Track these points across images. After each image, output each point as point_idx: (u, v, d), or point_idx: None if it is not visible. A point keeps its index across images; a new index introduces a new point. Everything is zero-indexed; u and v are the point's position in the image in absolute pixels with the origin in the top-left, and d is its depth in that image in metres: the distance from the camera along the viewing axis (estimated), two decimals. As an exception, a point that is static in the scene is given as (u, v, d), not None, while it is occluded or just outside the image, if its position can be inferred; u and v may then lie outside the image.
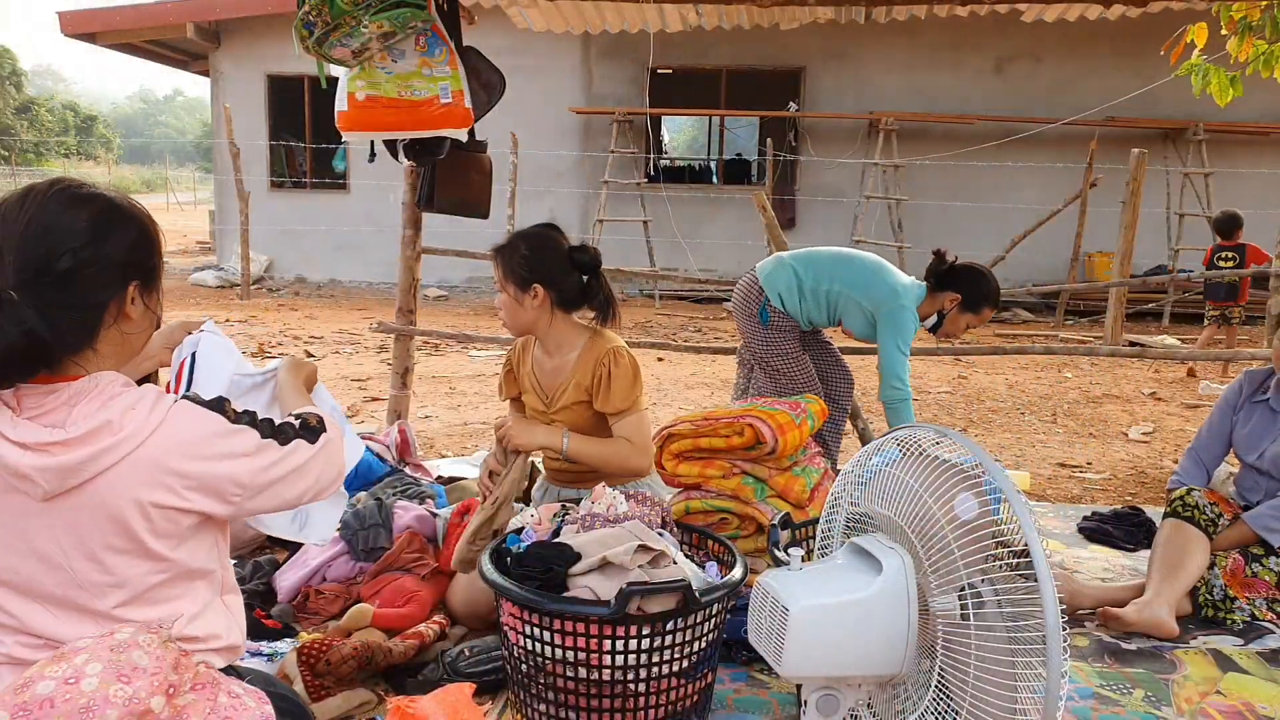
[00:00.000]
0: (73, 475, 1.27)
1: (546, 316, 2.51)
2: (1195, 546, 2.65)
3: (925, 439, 1.77)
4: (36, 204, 1.26)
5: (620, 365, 2.47)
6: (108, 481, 1.29)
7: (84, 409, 1.28)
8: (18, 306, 1.21)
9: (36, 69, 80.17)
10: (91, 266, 1.28)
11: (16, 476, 1.26)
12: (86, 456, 1.27)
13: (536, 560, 1.88)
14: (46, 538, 1.31)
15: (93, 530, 1.31)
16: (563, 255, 2.49)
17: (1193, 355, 4.93)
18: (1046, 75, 11.30)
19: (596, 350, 2.51)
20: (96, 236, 1.29)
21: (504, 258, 2.46)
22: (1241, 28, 3.90)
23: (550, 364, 2.59)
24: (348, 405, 5.54)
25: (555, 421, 2.58)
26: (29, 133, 37.20)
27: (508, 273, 2.45)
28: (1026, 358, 7.79)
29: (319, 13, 2.85)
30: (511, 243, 2.48)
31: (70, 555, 1.31)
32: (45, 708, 1.28)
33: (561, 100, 11.74)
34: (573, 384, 2.53)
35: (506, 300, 2.49)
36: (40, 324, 1.22)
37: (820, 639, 1.61)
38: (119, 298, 1.33)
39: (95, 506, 1.30)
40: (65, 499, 1.29)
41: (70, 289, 1.26)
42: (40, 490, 1.27)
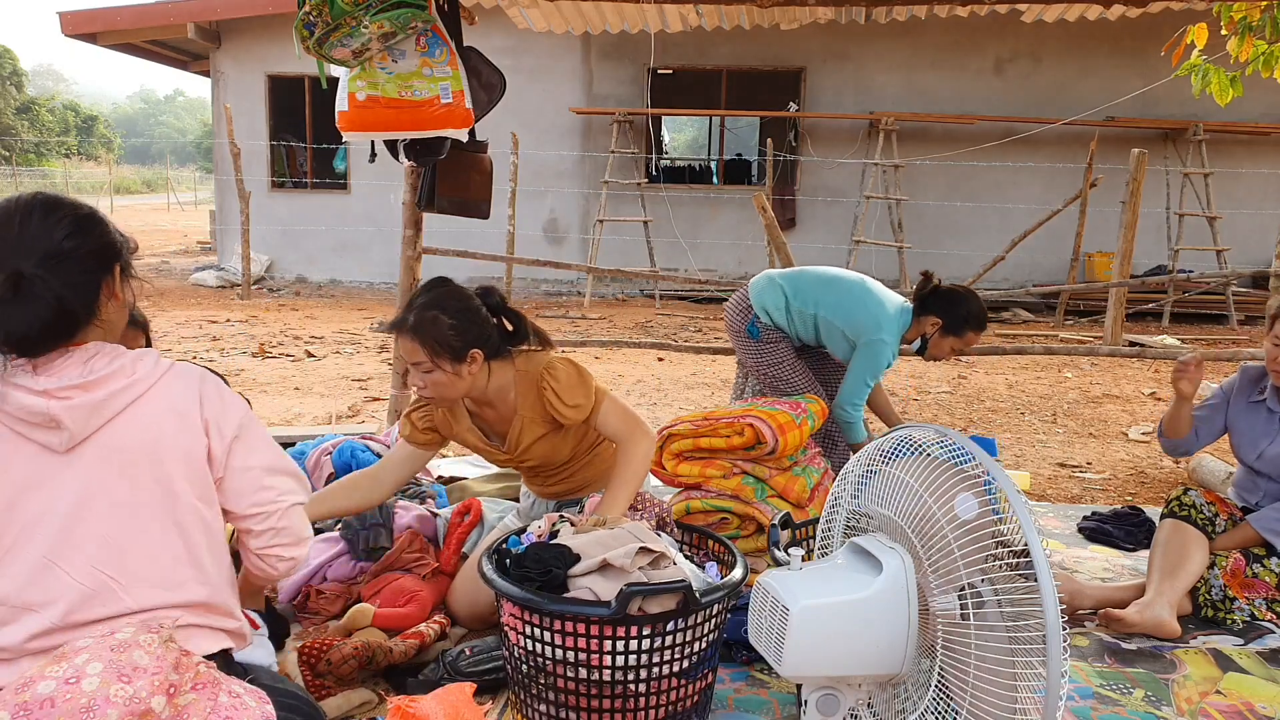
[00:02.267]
0: (97, 414, 1.41)
1: (483, 376, 2.31)
2: (1195, 546, 2.65)
3: (925, 439, 1.77)
4: (24, 208, 1.43)
5: (558, 376, 2.31)
6: (125, 422, 1.43)
7: (96, 363, 1.44)
8: (46, 280, 1.39)
9: (37, 69, 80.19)
10: (85, 248, 1.45)
11: (46, 421, 1.39)
12: (107, 395, 1.42)
13: (536, 562, 1.88)
14: (67, 493, 1.41)
15: (111, 476, 1.42)
16: (478, 307, 2.30)
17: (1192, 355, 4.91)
18: (1046, 75, 11.30)
19: (530, 379, 2.34)
20: (81, 227, 1.46)
21: (426, 335, 2.19)
22: (1241, 28, 3.91)
23: (493, 414, 2.41)
24: (348, 405, 5.54)
25: (525, 462, 2.46)
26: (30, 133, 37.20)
27: (437, 350, 2.19)
28: (1026, 358, 7.79)
29: (319, 13, 2.86)
30: (426, 317, 2.20)
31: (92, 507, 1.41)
32: (46, 707, 1.28)
33: (562, 100, 11.74)
34: (526, 423, 2.37)
35: (440, 378, 2.22)
36: (65, 294, 1.40)
37: (820, 639, 1.61)
38: (109, 278, 1.49)
39: (113, 450, 1.42)
40: (85, 447, 1.41)
41: (75, 267, 1.43)
42: (67, 435, 1.40)
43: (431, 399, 2.30)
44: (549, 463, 2.48)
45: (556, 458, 2.47)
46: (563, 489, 2.56)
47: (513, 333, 2.38)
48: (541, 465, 2.49)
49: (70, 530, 1.41)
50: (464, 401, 2.42)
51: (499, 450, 2.47)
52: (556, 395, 2.30)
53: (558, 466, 2.51)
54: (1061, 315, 10.12)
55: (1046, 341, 8.74)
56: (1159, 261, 10.96)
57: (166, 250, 16.97)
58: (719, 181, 14.23)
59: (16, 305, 1.37)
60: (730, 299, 3.56)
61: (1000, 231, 10.75)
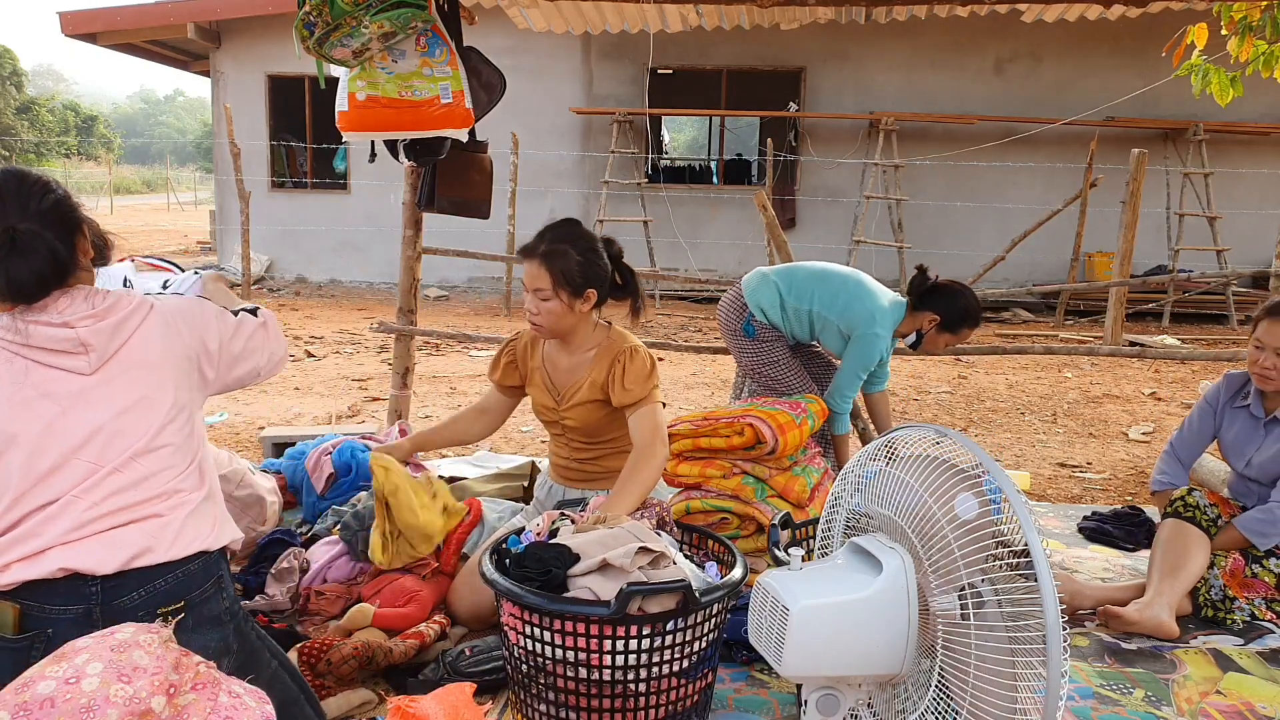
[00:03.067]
0: (116, 335, 1.60)
1: (587, 320, 2.49)
2: (1196, 546, 2.65)
3: (925, 439, 1.77)
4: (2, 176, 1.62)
5: (636, 360, 2.45)
6: (138, 340, 1.62)
7: (95, 299, 1.61)
8: (39, 235, 1.55)
9: (37, 69, 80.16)
10: (60, 209, 1.61)
11: (74, 346, 1.56)
12: (120, 319, 1.61)
13: (536, 561, 1.88)
14: (97, 408, 1.56)
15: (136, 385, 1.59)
16: (601, 253, 2.46)
17: (1193, 355, 4.92)
18: (1046, 75, 11.30)
19: (613, 349, 2.49)
20: (50, 191, 1.62)
21: (555, 264, 2.36)
22: (1242, 28, 3.91)
23: (566, 362, 2.55)
24: (348, 405, 5.54)
25: (565, 419, 2.57)
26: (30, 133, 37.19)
27: (561, 280, 2.36)
28: (1026, 358, 7.79)
29: (319, 13, 2.85)
30: (558, 249, 2.37)
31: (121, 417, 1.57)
32: (46, 707, 1.28)
33: (562, 100, 11.74)
34: (588, 382, 2.50)
35: (555, 307, 2.39)
36: (56, 245, 1.56)
37: (820, 639, 1.61)
38: (80, 234, 1.65)
39: (133, 364, 1.60)
40: (108, 366, 1.58)
41: (57, 223, 1.59)
42: (95, 356, 1.57)
43: (539, 326, 2.44)
44: (584, 429, 2.55)
45: (593, 428, 2.55)
46: (580, 468, 2.62)
47: (622, 286, 2.54)
48: (577, 429, 2.56)
49: (113, 438, 1.56)
50: (545, 344, 2.60)
51: (551, 396, 2.57)
52: (623, 373, 2.43)
53: (587, 439, 2.58)
54: (1061, 315, 10.12)
55: (1047, 341, 8.74)
56: (1159, 261, 10.95)
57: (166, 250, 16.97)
58: (719, 181, 14.23)
59: (16, 257, 1.54)
60: (723, 298, 3.54)
61: (1000, 231, 10.75)
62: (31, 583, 1.48)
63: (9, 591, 1.49)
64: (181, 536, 1.57)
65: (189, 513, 1.60)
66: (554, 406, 2.58)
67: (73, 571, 1.49)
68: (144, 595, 1.52)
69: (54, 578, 1.49)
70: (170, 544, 1.55)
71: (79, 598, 1.49)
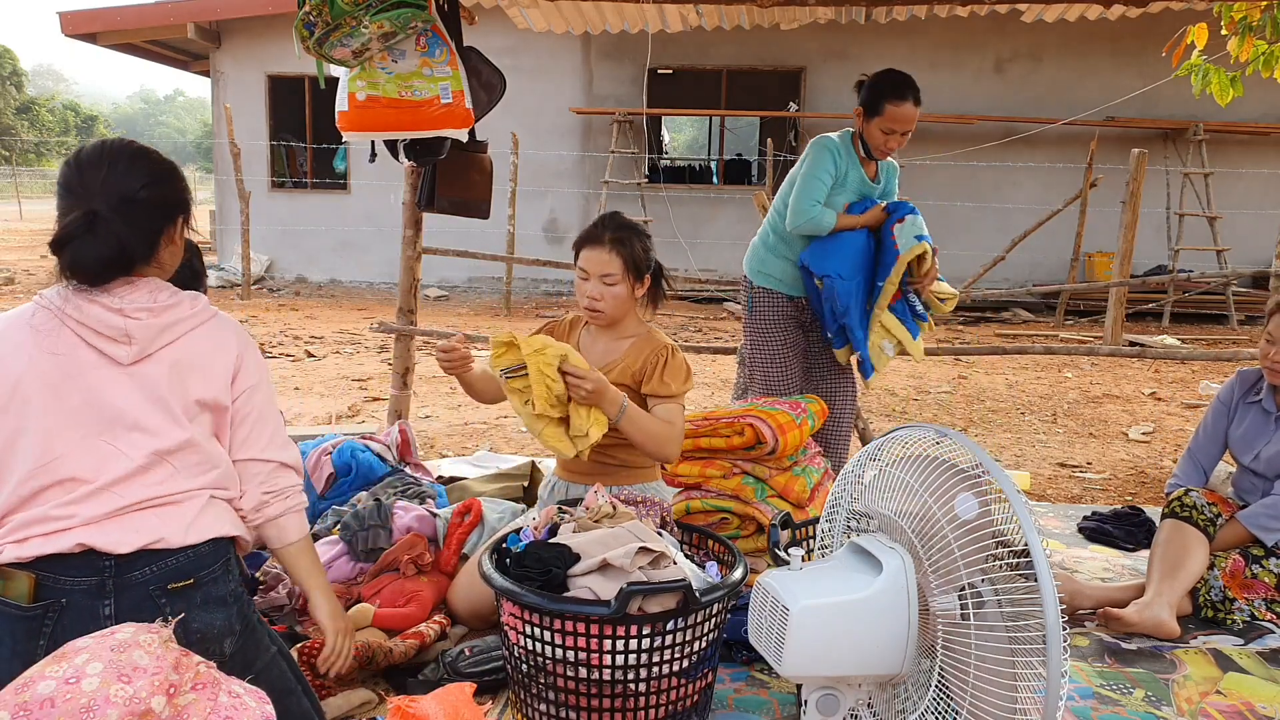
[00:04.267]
0: (161, 336, 1.63)
1: (636, 306, 2.56)
2: (1195, 547, 2.65)
3: (925, 439, 1.77)
4: (113, 152, 1.64)
5: (677, 358, 2.50)
6: (182, 344, 1.64)
7: (160, 295, 1.65)
8: (112, 222, 1.58)
9: (37, 69, 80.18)
10: (155, 198, 1.65)
11: (119, 335, 1.59)
12: (172, 320, 1.64)
13: (536, 561, 1.88)
14: (125, 397, 1.59)
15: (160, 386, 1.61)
16: (650, 244, 2.54)
17: (1193, 355, 4.93)
18: (1046, 75, 11.30)
19: (653, 344, 2.53)
20: (157, 178, 1.66)
21: (626, 248, 2.44)
22: (1242, 28, 3.91)
23: (601, 346, 2.57)
24: (348, 405, 5.54)
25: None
26: (30, 133, 37.19)
27: (631, 263, 2.44)
28: (1027, 358, 7.79)
29: (319, 13, 2.85)
30: (624, 235, 2.46)
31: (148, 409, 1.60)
32: (46, 707, 1.28)
33: (562, 100, 11.74)
34: (620, 367, 2.50)
35: (621, 291, 2.45)
36: (127, 236, 1.60)
37: (820, 639, 1.61)
38: (170, 226, 1.68)
39: (169, 365, 1.63)
40: (145, 363, 1.61)
41: (143, 214, 1.63)
42: (136, 349, 1.60)
43: (600, 312, 2.47)
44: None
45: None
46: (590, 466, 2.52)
47: (657, 275, 2.58)
48: None
49: (134, 429, 1.59)
50: (584, 327, 2.64)
51: None
52: (662, 369, 2.47)
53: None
54: (1061, 315, 10.12)
55: (1047, 341, 8.74)
56: (1159, 261, 10.95)
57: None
58: (719, 181, 14.22)
59: (88, 240, 1.58)
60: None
61: (1000, 231, 10.75)
62: (47, 555, 1.52)
63: (26, 563, 1.52)
64: (196, 525, 1.61)
65: (204, 505, 1.63)
66: None
67: (89, 548, 1.53)
68: (155, 571, 1.56)
69: (71, 552, 1.53)
70: (185, 532, 1.59)
71: (93, 570, 1.52)
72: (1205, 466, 2.94)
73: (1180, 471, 2.96)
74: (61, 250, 1.60)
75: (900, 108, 3.09)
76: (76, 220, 1.59)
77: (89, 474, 1.57)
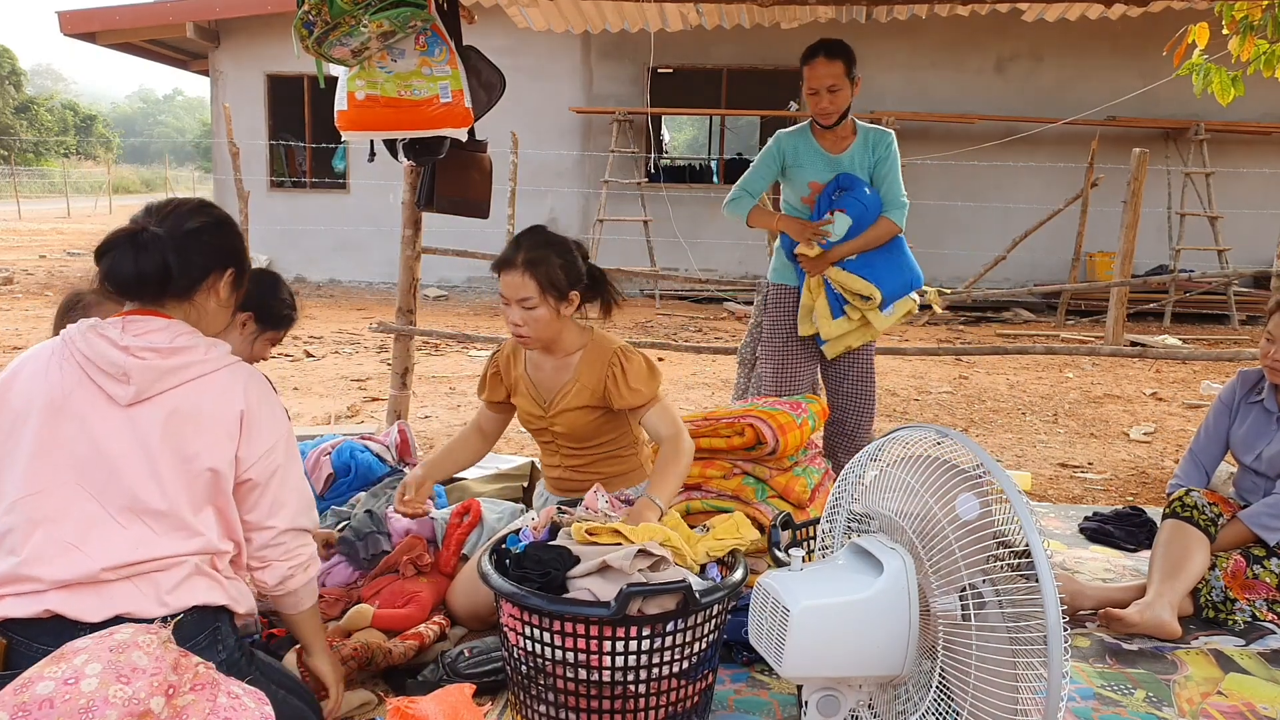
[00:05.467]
0: (162, 380, 1.57)
1: (569, 323, 2.45)
2: (1196, 547, 2.64)
3: (926, 439, 1.76)
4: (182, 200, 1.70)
5: (633, 361, 2.41)
6: (184, 392, 1.58)
7: (181, 337, 1.61)
8: (162, 241, 1.58)
9: (36, 68, 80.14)
10: (207, 235, 1.65)
11: (118, 373, 1.54)
12: (178, 365, 1.58)
13: (536, 563, 1.88)
14: (115, 440, 1.54)
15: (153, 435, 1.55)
16: (577, 254, 2.43)
17: (1194, 355, 4.92)
18: (1047, 75, 11.29)
19: (601, 352, 2.45)
20: (219, 222, 1.69)
21: (540, 270, 2.31)
22: (1243, 27, 3.90)
23: (550, 365, 2.51)
24: (348, 405, 5.54)
25: (553, 425, 2.53)
26: (28, 132, 37.19)
27: (548, 284, 2.32)
28: (1028, 358, 7.78)
29: (319, 12, 2.85)
30: (539, 255, 2.33)
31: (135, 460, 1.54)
32: (45, 708, 1.28)
33: (562, 100, 11.73)
34: (577, 387, 2.46)
35: (543, 314, 2.34)
36: (173, 259, 1.59)
37: (821, 639, 1.61)
38: (217, 272, 1.67)
39: (168, 412, 1.56)
40: (144, 406, 1.55)
41: (192, 247, 1.62)
42: (133, 390, 1.54)
43: (526, 338, 2.38)
44: (573, 436, 2.51)
45: (582, 433, 2.51)
46: (573, 475, 2.58)
47: (594, 285, 2.48)
48: (566, 435, 2.52)
49: (118, 477, 1.54)
50: (529, 353, 2.54)
51: (537, 405, 2.52)
52: (624, 375, 2.38)
53: (577, 445, 2.54)
54: (1063, 315, 10.12)
55: (1048, 341, 8.74)
56: (1160, 261, 10.95)
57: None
58: (719, 181, 14.22)
59: (130, 251, 1.57)
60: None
61: (1001, 231, 10.75)
62: (18, 619, 1.47)
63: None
64: (174, 595, 1.54)
65: (186, 575, 1.56)
66: (541, 414, 2.53)
67: (59, 615, 1.48)
68: None
69: (41, 617, 1.48)
70: (159, 603, 1.52)
71: (66, 638, 1.44)
72: (1207, 467, 2.93)
73: (1182, 472, 2.95)
74: (102, 257, 1.58)
75: (811, 68, 3.16)
76: (125, 231, 1.59)
77: (63, 522, 1.51)
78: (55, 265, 13.48)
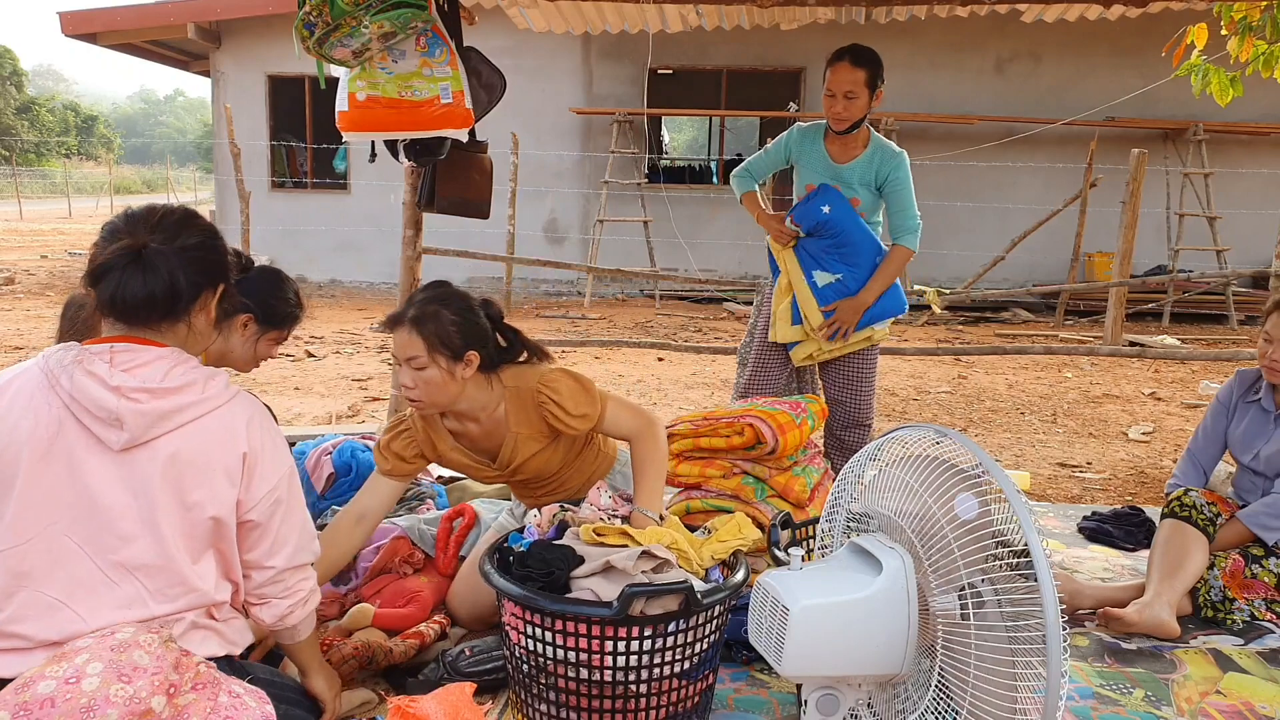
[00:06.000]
0: (159, 424, 1.46)
1: (472, 386, 2.22)
2: (1194, 546, 2.65)
3: (925, 439, 1.77)
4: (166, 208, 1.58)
5: (558, 389, 2.24)
6: (183, 435, 1.48)
7: (175, 371, 1.50)
8: (167, 256, 1.49)
9: (37, 69, 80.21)
10: (203, 253, 1.56)
11: (110, 419, 1.43)
12: (175, 407, 1.48)
13: (539, 562, 1.88)
14: (107, 489, 1.45)
15: (155, 482, 1.46)
16: (479, 312, 2.24)
17: (1193, 355, 4.93)
18: (1046, 75, 11.30)
19: (524, 396, 2.26)
20: (212, 235, 1.60)
21: (427, 328, 2.13)
22: (1242, 28, 3.91)
23: (478, 429, 2.31)
24: (348, 405, 5.54)
25: (517, 476, 2.38)
26: (30, 133, 37.19)
27: (437, 344, 2.13)
28: (1026, 358, 7.79)
29: (320, 13, 2.85)
30: (428, 311, 2.15)
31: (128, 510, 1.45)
32: (46, 707, 1.28)
33: (562, 100, 11.73)
34: (521, 439, 2.29)
35: (434, 375, 2.13)
36: (179, 275, 1.49)
37: (820, 639, 1.61)
38: (210, 290, 1.58)
39: (165, 458, 1.47)
40: (139, 450, 1.45)
41: (190, 262, 1.52)
42: (126, 436, 1.44)
43: (419, 401, 2.18)
44: (541, 475, 2.41)
45: (549, 469, 2.40)
46: (552, 498, 2.45)
47: (507, 349, 2.31)
48: (534, 478, 2.43)
49: (109, 528, 1.45)
50: (443, 421, 2.33)
51: (488, 467, 2.37)
52: (560, 408, 2.23)
53: (549, 477, 2.44)
54: (1061, 315, 10.12)
55: (1047, 341, 8.74)
56: (1159, 261, 10.95)
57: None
58: (719, 181, 14.21)
59: (136, 272, 1.47)
60: None
61: (1000, 231, 10.75)
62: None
63: None
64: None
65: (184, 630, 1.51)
66: (498, 474, 2.38)
67: None
68: None
69: None
70: None
71: None
72: (1205, 467, 2.94)
73: (1180, 472, 2.96)
74: (100, 281, 1.46)
75: (835, 70, 3.20)
76: (122, 249, 1.47)
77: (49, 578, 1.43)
78: (57, 265, 13.49)
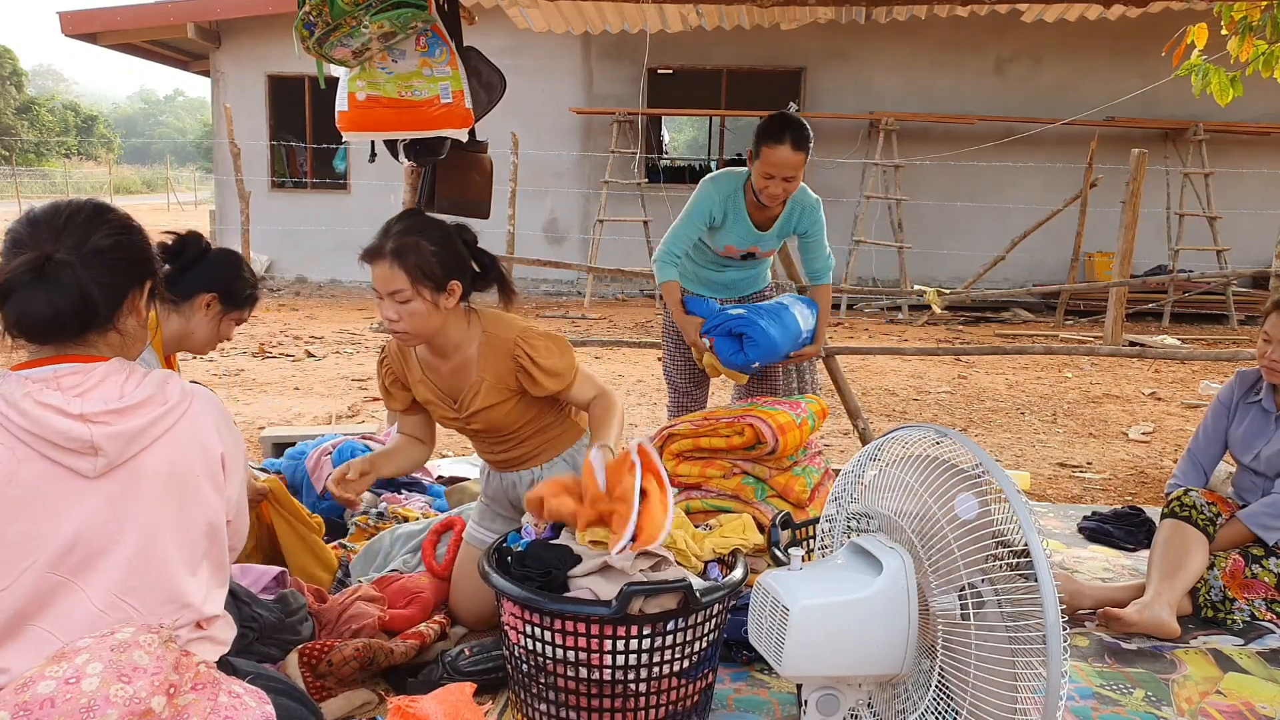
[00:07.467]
0: (134, 442, 1.40)
1: (452, 318, 2.21)
2: (1195, 546, 2.65)
3: (925, 439, 1.77)
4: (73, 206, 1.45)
5: (538, 345, 2.22)
6: (158, 449, 1.43)
7: (129, 384, 1.42)
8: (73, 267, 1.36)
9: (37, 69, 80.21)
10: (122, 250, 1.44)
11: (84, 448, 1.36)
12: (146, 422, 1.41)
13: (537, 561, 1.88)
14: (88, 517, 1.38)
15: (141, 502, 1.41)
16: (457, 239, 2.21)
17: (1193, 355, 4.92)
18: (1046, 75, 11.30)
19: (500, 343, 2.25)
20: (122, 233, 1.46)
21: (409, 259, 2.10)
22: (1242, 28, 3.91)
23: (447, 366, 2.30)
24: (348, 405, 5.54)
25: (471, 425, 2.36)
26: (30, 133, 37.20)
27: (420, 275, 2.10)
28: (1027, 358, 7.79)
29: (319, 13, 2.85)
30: (407, 242, 2.11)
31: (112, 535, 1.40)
32: (46, 707, 1.28)
33: (562, 100, 11.74)
34: (485, 386, 2.27)
35: (418, 307, 2.12)
36: (89, 286, 1.38)
37: (820, 639, 1.61)
38: (136, 290, 1.47)
39: (145, 476, 1.41)
40: (115, 473, 1.39)
41: (104, 266, 1.41)
42: (103, 462, 1.38)
43: (404, 334, 2.16)
44: (499, 429, 2.38)
45: (506, 426, 2.36)
46: (509, 457, 2.44)
47: (483, 273, 2.27)
48: (489, 430, 2.38)
49: (97, 557, 1.40)
50: (417, 352, 2.33)
51: (449, 408, 2.35)
52: (534, 363, 2.21)
53: (506, 434, 2.40)
54: (1061, 315, 10.12)
55: (1047, 341, 8.74)
56: (1159, 261, 10.96)
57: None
58: (719, 181, 14.21)
59: (39, 288, 1.34)
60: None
61: (1000, 231, 10.75)
62: None
63: None
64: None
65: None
66: (455, 416, 2.36)
67: None
68: None
69: None
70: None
71: None
72: (1205, 467, 2.94)
73: (1180, 472, 2.96)
74: (4, 302, 1.34)
75: (775, 150, 2.90)
76: (25, 264, 1.34)
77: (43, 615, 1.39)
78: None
